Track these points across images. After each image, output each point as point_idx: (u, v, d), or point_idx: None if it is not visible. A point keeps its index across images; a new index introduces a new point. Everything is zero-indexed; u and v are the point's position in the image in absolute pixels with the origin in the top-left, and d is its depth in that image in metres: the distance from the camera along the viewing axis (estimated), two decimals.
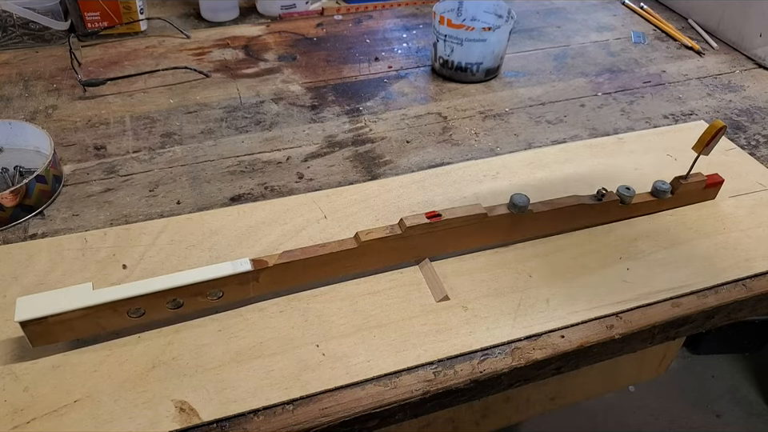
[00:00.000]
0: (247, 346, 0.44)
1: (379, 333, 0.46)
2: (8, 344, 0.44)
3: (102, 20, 0.84)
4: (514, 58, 0.85)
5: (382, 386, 0.42)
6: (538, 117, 0.73)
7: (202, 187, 0.60)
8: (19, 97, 0.73)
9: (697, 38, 0.91)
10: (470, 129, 0.70)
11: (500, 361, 0.45)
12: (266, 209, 0.57)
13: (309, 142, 0.67)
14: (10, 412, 0.39)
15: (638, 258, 0.53)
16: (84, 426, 0.39)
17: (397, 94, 0.77)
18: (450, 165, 0.64)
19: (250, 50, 0.85)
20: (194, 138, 0.67)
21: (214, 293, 0.45)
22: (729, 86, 0.80)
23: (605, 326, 0.47)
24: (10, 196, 0.53)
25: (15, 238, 0.53)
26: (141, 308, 0.43)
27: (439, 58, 0.79)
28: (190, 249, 0.52)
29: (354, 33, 0.91)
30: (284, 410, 0.41)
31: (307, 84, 0.78)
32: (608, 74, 0.82)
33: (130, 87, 0.75)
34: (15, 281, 0.48)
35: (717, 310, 0.50)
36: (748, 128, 0.72)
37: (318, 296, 0.48)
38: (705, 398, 1.51)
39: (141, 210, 0.57)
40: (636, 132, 0.70)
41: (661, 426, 1.44)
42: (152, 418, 0.39)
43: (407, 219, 0.48)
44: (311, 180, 0.62)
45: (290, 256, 0.46)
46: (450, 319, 0.47)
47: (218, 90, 0.76)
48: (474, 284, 0.50)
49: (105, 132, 0.67)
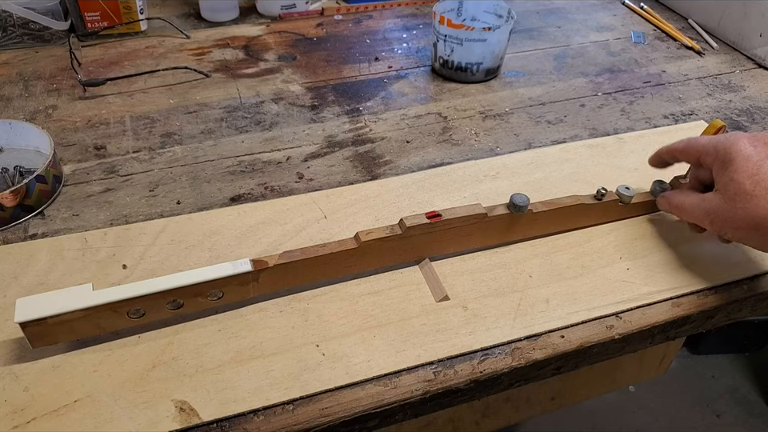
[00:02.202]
0: (247, 346, 0.44)
1: (379, 333, 0.46)
2: (8, 344, 0.44)
3: (102, 20, 0.84)
4: (513, 58, 0.85)
5: (382, 386, 0.43)
6: (538, 117, 0.73)
7: (202, 187, 0.60)
8: (19, 97, 0.73)
9: (697, 38, 0.91)
10: (470, 129, 0.70)
11: (500, 361, 0.45)
12: (265, 209, 0.57)
13: (309, 142, 0.67)
14: (10, 412, 0.39)
15: (638, 258, 0.53)
16: (84, 425, 0.39)
17: (397, 94, 0.77)
18: (449, 165, 0.64)
19: (250, 49, 0.85)
20: (194, 138, 0.67)
21: (214, 293, 0.45)
22: (729, 85, 0.80)
23: (605, 326, 0.47)
24: (10, 196, 0.53)
25: (15, 238, 0.53)
26: (141, 308, 0.43)
27: (439, 57, 0.79)
28: (189, 249, 0.52)
29: (354, 33, 0.91)
30: (284, 409, 0.41)
31: (307, 84, 0.78)
32: (608, 74, 0.82)
33: (129, 87, 0.75)
34: (15, 281, 0.48)
35: (717, 309, 0.50)
36: (748, 128, 0.72)
37: (318, 296, 0.48)
38: (705, 398, 1.51)
39: (141, 210, 0.57)
40: (636, 132, 0.70)
41: (661, 426, 1.44)
42: (152, 417, 0.39)
43: (407, 219, 0.48)
44: (311, 180, 0.62)
45: (290, 256, 0.46)
46: (450, 319, 0.47)
47: (218, 90, 0.76)
48: (474, 284, 0.50)
49: (105, 132, 0.67)
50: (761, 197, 0.42)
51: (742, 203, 0.43)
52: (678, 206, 0.50)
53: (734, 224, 0.44)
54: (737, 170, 0.43)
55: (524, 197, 0.50)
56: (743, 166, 0.43)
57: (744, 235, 0.44)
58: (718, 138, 0.47)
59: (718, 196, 0.45)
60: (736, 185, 0.43)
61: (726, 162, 0.44)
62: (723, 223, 0.45)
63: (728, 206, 0.44)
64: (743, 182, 0.43)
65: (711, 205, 0.45)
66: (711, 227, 0.46)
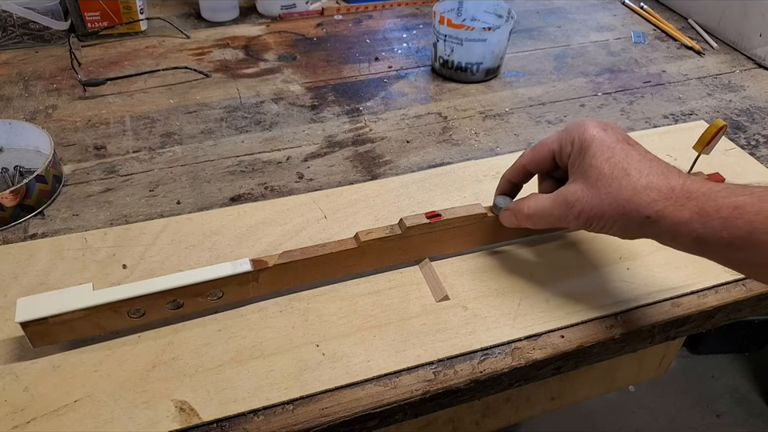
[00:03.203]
0: (247, 346, 0.44)
1: (379, 333, 0.46)
2: (8, 344, 0.44)
3: (102, 20, 0.84)
4: (513, 58, 0.85)
5: (382, 386, 0.43)
6: (538, 117, 0.73)
7: (202, 187, 0.60)
8: (19, 97, 0.73)
9: (697, 38, 0.91)
10: (470, 129, 0.70)
11: (500, 361, 0.45)
12: (266, 209, 0.57)
13: (309, 141, 0.67)
14: (10, 412, 0.39)
15: (638, 258, 0.53)
16: (84, 425, 0.39)
17: (397, 94, 0.77)
18: (449, 165, 0.64)
19: (250, 49, 0.85)
20: (194, 138, 0.67)
21: (214, 293, 0.45)
22: (729, 85, 0.80)
23: (605, 326, 0.47)
24: (10, 196, 0.53)
25: (15, 238, 0.53)
26: (141, 308, 0.43)
27: (439, 57, 0.79)
28: (189, 249, 0.52)
29: (354, 33, 0.91)
30: (284, 409, 0.41)
31: (307, 84, 0.78)
32: (608, 74, 0.82)
33: (129, 87, 0.75)
34: (15, 281, 0.48)
35: (717, 310, 0.50)
36: (748, 128, 0.72)
37: (317, 296, 0.48)
38: (705, 398, 1.51)
39: (141, 210, 0.57)
40: (636, 132, 0.70)
41: (661, 426, 1.44)
42: (152, 417, 0.39)
43: (407, 219, 0.48)
44: (311, 180, 0.62)
45: (290, 256, 0.46)
46: (450, 319, 0.47)
47: (218, 90, 0.76)
48: (474, 284, 0.50)
49: (105, 132, 0.67)
50: (620, 178, 0.40)
51: (605, 188, 0.40)
52: (531, 212, 0.45)
53: (599, 210, 0.41)
54: (594, 154, 0.42)
55: (507, 199, 0.50)
56: (599, 150, 0.42)
57: (610, 221, 0.41)
58: (562, 132, 0.45)
59: (578, 185, 0.42)
60: (596, 170, 0.41)
61: (583, 149, 0.42)
62: (590, 211, 0.41)
63: (591, 192, 0.41)
64: (601, 166, 0.41)
65: (574, 195, 0.42)
66: (576, 220, 0.42)
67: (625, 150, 0.41)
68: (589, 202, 0.41)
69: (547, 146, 0.46)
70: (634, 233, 0.41)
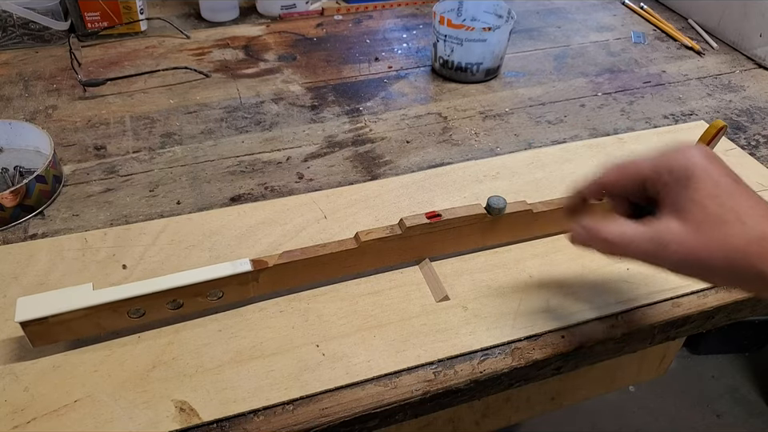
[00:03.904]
0: (247, 346, 0.44)
1: (379, 333, 0.46)
2: (8, 344, 0.44)
3: (102, 20, 0.84)
4: (513, 58, 0.85)
5: (382, 386, 0.43)
6: (538, 117, 0.73)
7: (202, 187, 0.60)
8: (19, 97, 0.73)
9: (697, 38, 0.91)
10: (470, 129, 0.70)
11: (500, 361, 0.45)
12: (266, 209, 0.57)
13: (309, 142, 0.67)
14: (10, 412, 0.39)
15: None
16: (84, 425, 0.39)
17: (397, 94, 0.77)
18: (450, 165, 0.64)
19: (250, 49, 0.85)
20: (194, 138, 0.67)
21: (214, 293, 0.45)
22: (729, 85, 0.80)
23: (605, 326, 0.47)
24: (10, 196, 0.53)
25: (15, 238, 0.53)
26: (141, 308, 0.43)
27: (439, 58, 0.79)
28: (189, 249, 0.52)
29: (354, 33, 0.91)
30: (284, 409, 0.41)
31: (307, 84, 0.78)
32: (608, 74, 0.82)
33: (129, 87, 0.75)
34: (15, 281, 0.48)
35: (717, 310, 0.50)
36: (748, 128, 0.72)
37: (317, 296, 0.48)
38: (705, 397, 1.51)
39: (141, 210, 0.57)
40: (636, 132, 0.70)
41: (661, 426, 1.44)
42: (152, 417, 0.39)
43: (407, 219, 0.48)
44: (311, 180, 0.62)
45: (290, 256, 0.46)
46: (450, 319, 0.47)
47: (218, 90, 0.76)
48: (474, 284, 0.50)
49: (105, 132, 0.67)
50: (731, 222, 0.34)
51: (710, 231, 0.34)
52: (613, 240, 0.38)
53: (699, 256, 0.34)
54: (697, 188, 0.35)
55: (501, 199, 0.49)
56: (704, 184, 0.35)
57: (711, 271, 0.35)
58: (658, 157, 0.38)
59: (676, 222, 0.35)
60: (699, 208, 0.35)
61: (684, 181, 0.36)
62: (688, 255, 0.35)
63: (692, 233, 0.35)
64: (706, 204, 0.34)
65: (669, 233, 0.35)
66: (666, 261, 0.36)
67: (732, 187, 0.35)
68: (688, 245, 0.35)
69: (638, 171, 0.39)
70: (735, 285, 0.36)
